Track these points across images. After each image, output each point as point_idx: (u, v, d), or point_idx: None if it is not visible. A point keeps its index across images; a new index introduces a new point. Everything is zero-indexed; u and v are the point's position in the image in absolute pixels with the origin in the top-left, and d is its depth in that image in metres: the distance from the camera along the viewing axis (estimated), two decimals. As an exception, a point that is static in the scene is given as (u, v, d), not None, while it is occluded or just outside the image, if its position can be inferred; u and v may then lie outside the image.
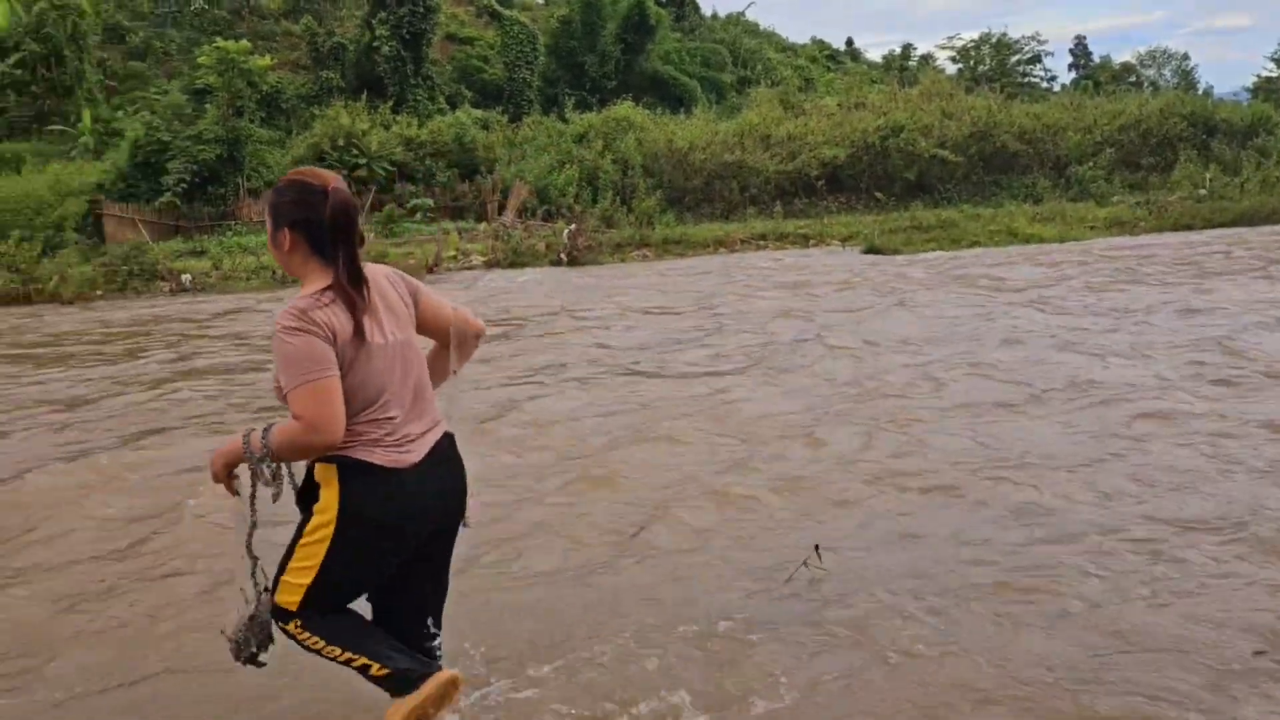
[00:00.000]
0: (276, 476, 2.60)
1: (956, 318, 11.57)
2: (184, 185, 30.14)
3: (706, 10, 61.43)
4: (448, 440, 2.75)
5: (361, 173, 32.40)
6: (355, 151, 32.52)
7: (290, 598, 2.65)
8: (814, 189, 34.01)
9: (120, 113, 39.42)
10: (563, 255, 24.55)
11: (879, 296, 14.12)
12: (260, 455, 2.52)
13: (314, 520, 2.59)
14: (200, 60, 35.13)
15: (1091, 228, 26.09)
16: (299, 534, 2.64)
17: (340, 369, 2.45)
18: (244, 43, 33.02)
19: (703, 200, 33.32)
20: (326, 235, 2.50)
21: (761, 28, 63.21)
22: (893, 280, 16.31)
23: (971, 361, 8.81)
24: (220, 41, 32.86)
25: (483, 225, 30.76)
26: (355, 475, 2.54)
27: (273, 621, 2.72)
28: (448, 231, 29.43)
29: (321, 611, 2.66)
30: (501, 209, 32.93)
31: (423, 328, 2.75)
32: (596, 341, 11.15)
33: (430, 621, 2.90)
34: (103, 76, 43.04)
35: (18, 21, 41.67)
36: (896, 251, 23.03)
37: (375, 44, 41.56)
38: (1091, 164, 33.99)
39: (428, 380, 2.73)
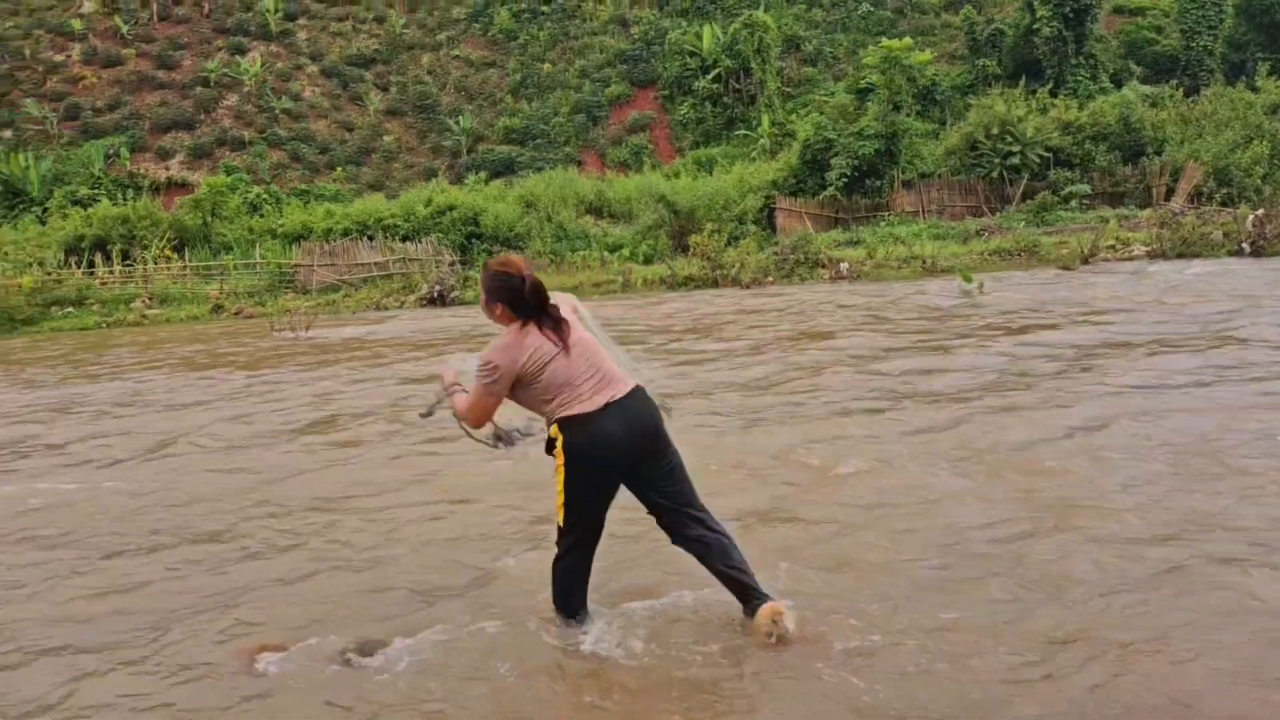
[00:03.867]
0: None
1: None
2: (845, 179, 32.42)
3: None
4: (631, 396, 3.67)
5: (1015, 160, 31.82)
6: (1009, 139, 32.02)
7: (559, 518, 3.70)
8: None
9: (793, 115, 43.67)
10: (1244, 245, 21.58)
11: None
12: (439, 401, 4.10)
13: (556, 461, 3.65)
14: (865, 60, 37.40)
15: None
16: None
17: (540, 370, 3.60)
18: (906, 40, 34.42)
19: None
20: (526, 305, 3.64)
21: None
22: None
23: None
24: (885, 41, 34.67)
25: (1146, 212, 28.27)
26: (566, 425, 3.60)
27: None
28: (1105, 219, 27.64)
29: (569, 530, 3.71)
30: (1169, 193, 29.94)
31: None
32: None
33: (689, 512, 3.74)
34: (780, 84, 48.08)
35: (717, 42, 48.39)
36: None
37: (1035, 26, 40.34)
38: None
39: (606, 361, 3.72)
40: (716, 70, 48.20)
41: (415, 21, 58.94)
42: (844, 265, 24.73)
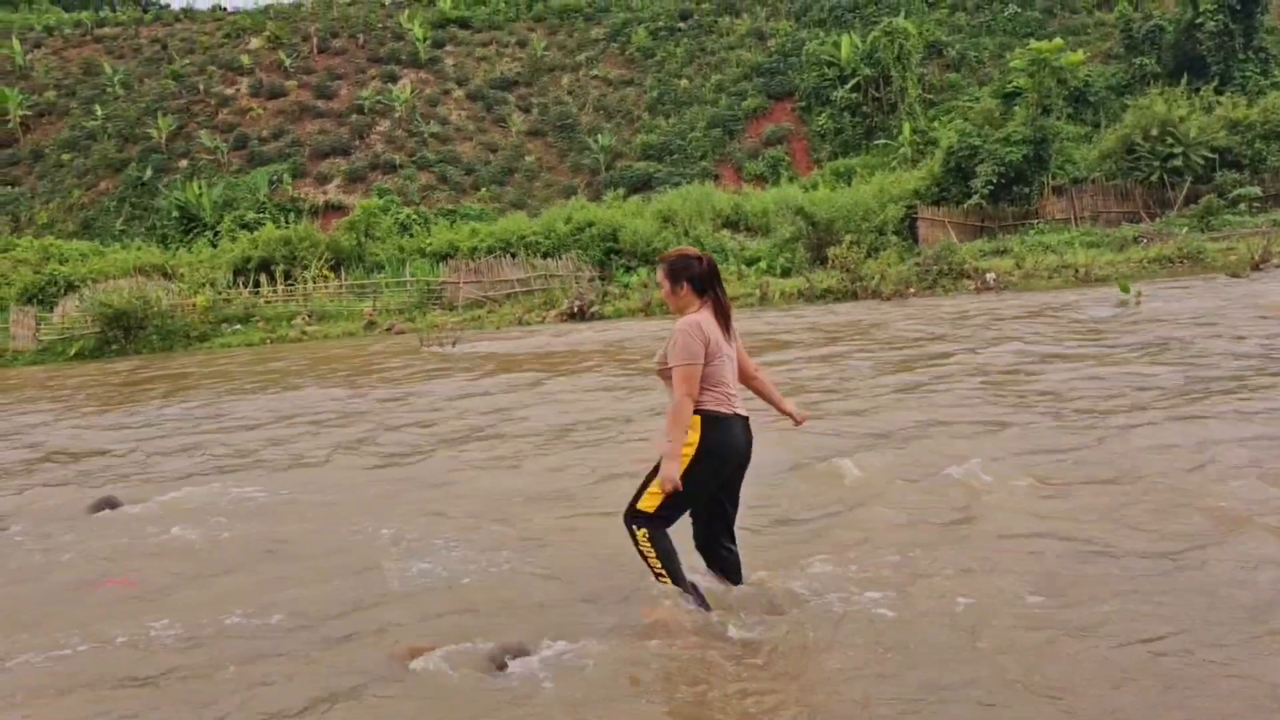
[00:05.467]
0: None
1: None
2: (990, 186, 31.39)
3: None
4: (747, 418, 4.19)
5: (1176, 162, 30.16)
6: (1170, 140, 30.37)
7: (650, 503, 4.07)
8: None
9: (936, 123, 42.60)
10: None
11: None
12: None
13: (686, 449, 4.01)
14: (1012, 64, 36.14)
15: None
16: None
17: (712, 357, 4.04)
18: (1056, 41, 33.06)
19: None
20: (705, 278, 4.19)
21: None
22: None
23: None
24: (1033, 43, 33.42)
25: (1326, 214, 26.37)
26: (710, 421, 4.04)
27: (625, 521, 4.19)
28: (1279, 223, 25.92)
29: (663, 520, 4.10)
30: (1353, 194, 27.82)
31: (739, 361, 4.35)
32: None
33: (726, 537, 4.35)
34: (921, 91, 46.99)
35: (856, 51, 47.71)
36: None
37: (1198, 20, 38.20)
38: None
39: (738, 379, 4.26)
40: (855, 79, 47.51)
41: (555, 44, 60.36)
42: (990, 276, 23.98)
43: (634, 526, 4.13)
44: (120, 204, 51.96)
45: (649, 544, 4.10)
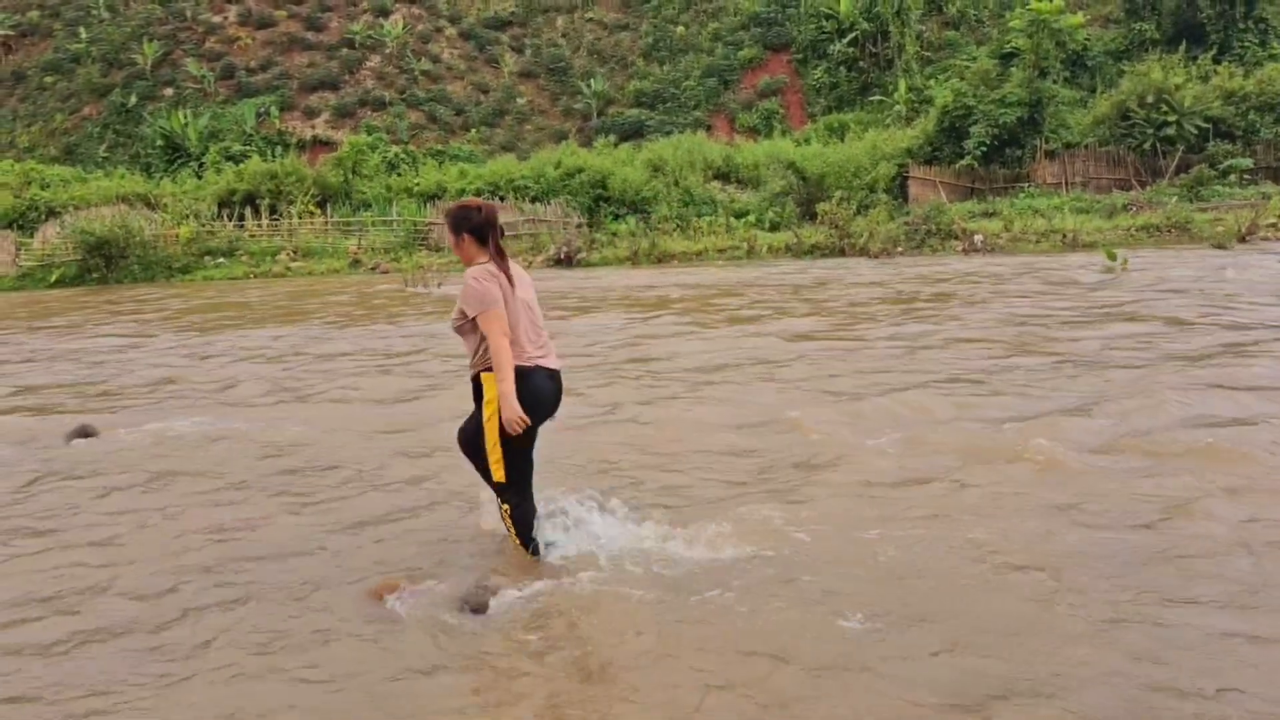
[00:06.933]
0: None
1: None
2: (983, 148, 31.29)
3: None
4: (556, 371, 4.22)
5: (1169, 131, 30.07)
6: (1165, 108, 30.25)
7: (500, 472, 4.12)
8: None
9: (932, 81, 42.30)
10: None
11: None
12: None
13: (486, 413, 4.06)
14: (1011, 24, 35.80)
15: None
16: (479, 422, 4.12)
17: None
18: (1056, 2, 32.72)
19: None
20: (485, 228, 4.20)
21: None
22: None
23: None
24: (1033, 3, 33.05)
25: (1315, 189, 26.41)
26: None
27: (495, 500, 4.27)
28: (1268, 196, 25.98)
29: (518, 486, 4.16)
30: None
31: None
32: None
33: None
34: (919, 48, 46.55)
35: (855, 4, 47.14)
36: None
37: (1203, -14, 37.86)
38: None
39: (542, 324, 4.27)
40: (853, 34, 47.02)
41: (552, -16, 59.41)
42: (978, 237, 24.00)
43: (500, 502, 4.24)
44: (104, 130, 51.20)
45: (511, 519, 4.22)
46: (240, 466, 6.12)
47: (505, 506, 4.22)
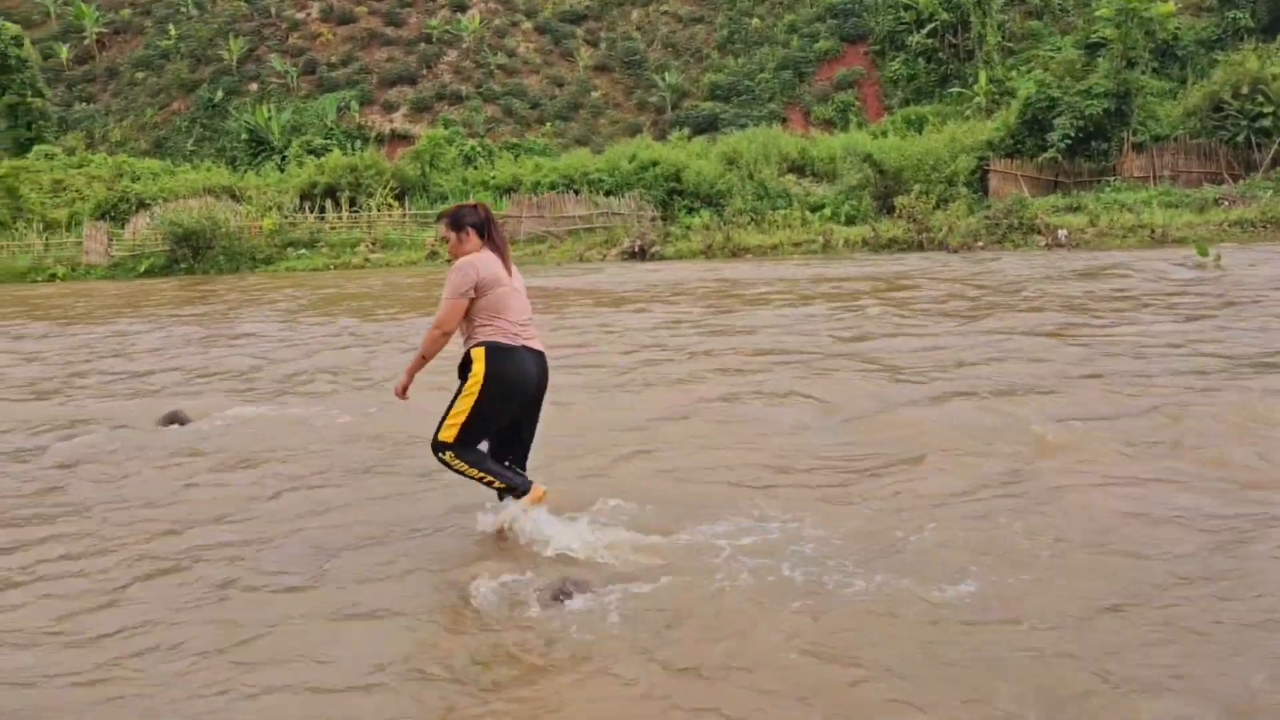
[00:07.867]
0: None
1: None
2: (1068, 141, 30.46)
3: None
4: (540, 353, 4.48)
5: (1265, 123, 28.93)
6: (1260, 99, 29.10)
7: (450, 434, 4.31)
8: None
9: (1014, 72, 41.36)
10: None
11: None
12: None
13: (469, 382, 4.30)
14: (1098, 13, 34.78)
15: None
16: (458, 393, 4.34)
17: (489, 288, 4.33)
18: (1154, -10, 31.69)
19: None
20: (486, 224, 4.50)
21: None
22: None
23: None
24: (1127, -9, 32.06)
25: None
26: (493, 352, 4.31)
27: (433, 452, 4.39)
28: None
29: (465, 445, 4.33)
30: None
31: None
32: None
33: (517, 463, 4.58)
34: (1001, 38, 45.55)
35: (935, -5, 46.21)
36: None
37: (1301, -27, 36.38)
38: None
39: (530, 310, 4.56)
40: (932, 24, 46.18)
41: (626, -23, 59.46)
42: (1062, 233, 23.42)
43: (440, 455, 4.37)
44: (191, 124, 52.74)
45: (459, 460, 4.35)
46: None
47: (447, 454, 4.36)
